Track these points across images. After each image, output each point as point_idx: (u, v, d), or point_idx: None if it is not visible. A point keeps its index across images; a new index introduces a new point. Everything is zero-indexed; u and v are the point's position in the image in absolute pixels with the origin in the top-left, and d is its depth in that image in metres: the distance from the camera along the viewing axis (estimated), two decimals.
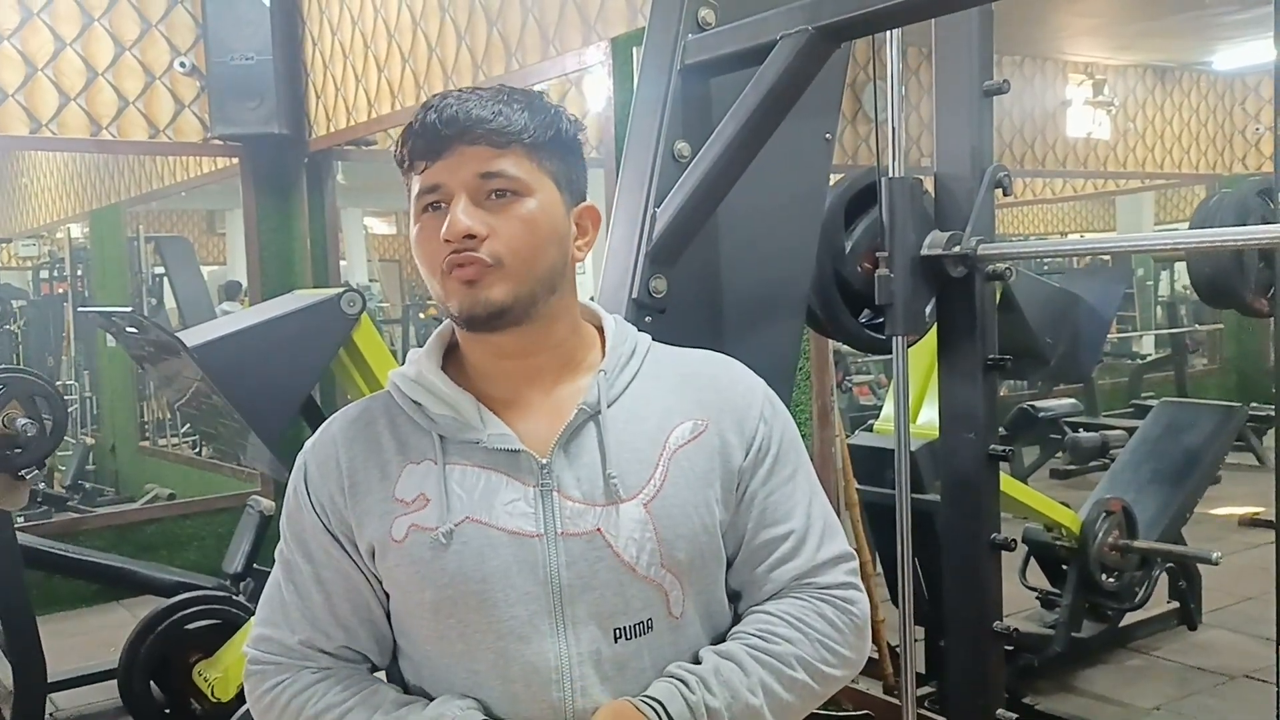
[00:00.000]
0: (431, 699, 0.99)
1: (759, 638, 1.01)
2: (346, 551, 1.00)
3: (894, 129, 1.76)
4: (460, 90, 0.98)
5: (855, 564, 1.07)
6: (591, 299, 1.10)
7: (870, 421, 3.39)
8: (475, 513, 0.96)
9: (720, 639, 1.03)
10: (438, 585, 0.96)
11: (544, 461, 0.97)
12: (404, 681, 1.04)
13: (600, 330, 1.06)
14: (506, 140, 0.95)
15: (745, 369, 1.09)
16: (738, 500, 1.02)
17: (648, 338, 1.07)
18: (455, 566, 0.95)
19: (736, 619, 1.06)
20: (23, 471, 2.83)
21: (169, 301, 7.07)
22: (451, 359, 1.04)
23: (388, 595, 1.02)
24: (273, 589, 1.05)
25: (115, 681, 3.00)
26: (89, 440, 6.68)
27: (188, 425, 6.61)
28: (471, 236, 0.94)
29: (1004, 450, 1.81)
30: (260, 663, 1.04)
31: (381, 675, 1.07)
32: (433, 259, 0.96)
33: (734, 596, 1.06)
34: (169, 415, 6.84)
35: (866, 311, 1.96)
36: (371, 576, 1.01)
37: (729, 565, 1.04)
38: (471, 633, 0.96)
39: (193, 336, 2.22)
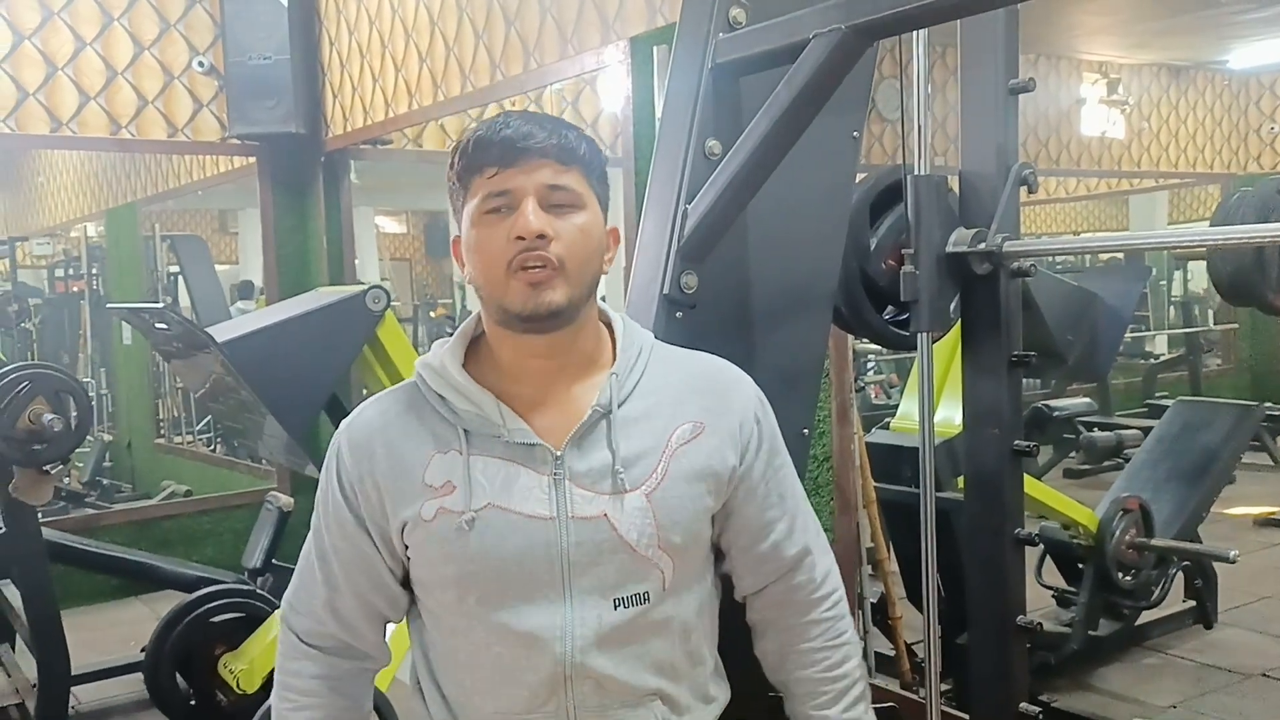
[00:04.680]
0: (441, 655, 1.13)
1: (835, 680, 1.20)
2: (366, 530, 1.12)
3: (920, 127, 1.77)
4: (523, 112, 1.11)
5: (824, 536, 1.25)
6: (601, 299, 1.18)
7: (887, 420, 3.40)
8: (496, 499, 1.07)
9: (704, 609, 1.17)
10: (461, 562, 1.07)
11: (558, 454, 1.08)
12: (421, 636, 1.17)
13: (609, 328, 1.17)
14: (571, 159, 1.08)
15: (740, 373, 1.21)
16: (740, 490, 1.16)
17: (650, 337, 1.18)
18: (478, 547, 1.07)
19: (736, 601, 1.22)
20: (47, 467, 2.86)
21: (183, 300, 7.11)
22: (473, 355, 1.13)
23: (407, 563, 1.13)
24: (305, 556, 1.19)
25: (136, 675, 3.03)
26: (106, 437, 6.72)
27: (203, 423, 6.65)
28: (543, 236, 1.04)
29: (1028, 446, 1.82)
30: (290, 629, 1.18)
31: (383, 658, 1.21)
32: (496, 256, 1.06)
33: (737, 573, 1.21)
34: (184, 412, 6.88)
35: (890, 308, 1.97)
36: (387, 552, 1.13)
37: (734, 544, 1.18)
38: (488, 599, 1.08)
39: (221, 332, 2.24)
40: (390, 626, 1.21)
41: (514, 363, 1.11)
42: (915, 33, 1.77)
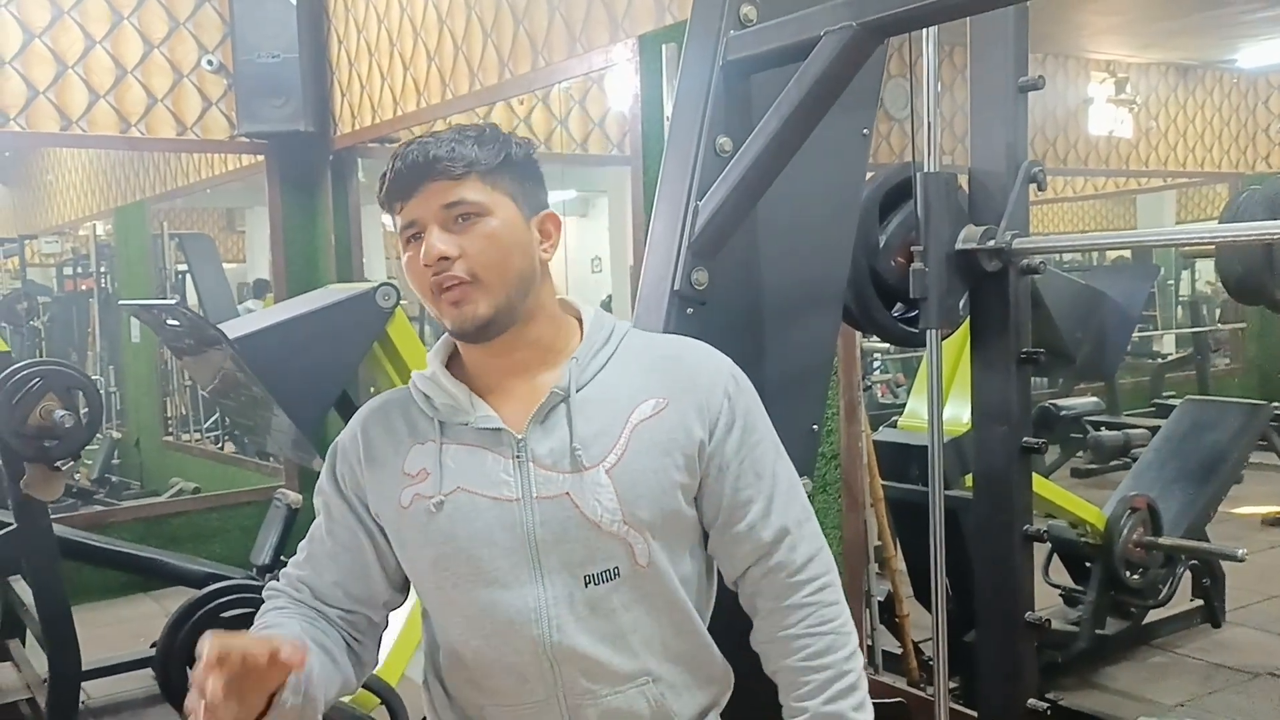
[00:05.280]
0: (443, 650, 1.19)
1: (817, 670, 1.15)
2: (356, 514, 1.19)
3: (929, 125, 1.77)
4: (421, 137, 1.13)
5: (814, 522, 1.21)
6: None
7: (894, 418, 3.40)
8: (464, 483, 1.13)
9: (689, 584, 1.17)
10: (434, 544, 1.13)
11: (520, 437, 1.13)
12: (430, 636, 1.22)
13: (581, 321, 1.20)
14: (462, 171, 1.11)
15: (714, 353, 1.21)
16: (712, 467, 1.16)
17: (626, 325, 1.22)
18: (448, 528, 1.12)
19: (724, 587, 1.22)
20: (59, 463, 2.87)
21: (191, 298, 7.13)
22: (456, 358, 1.21)
23: (396, 557, 1.19)
24: (305, 539, 1.26)
25: (147, 670, 3.04)
26: (115, 435, 6.74)
27: (211, 420, 6.67)
28: (446, 258, 1.10)
29: (1037, 443, 1.82)
30: (272, 589, 1.25)
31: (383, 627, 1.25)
32: (421, 281, 1.13)
33: (719, 556, 1.20)
34: (192, 410, 6.90)
35: (899, 306, 1.97)
36: (380, 535, 1.19)
37: (713, 525, 1.18)
38: (463, 583, 1.13)
39: (233, 329, 2.25)
40: (388, 636, 1.26)
41: (478, 362, 1.17)
42: (924, 31, 1.77)
